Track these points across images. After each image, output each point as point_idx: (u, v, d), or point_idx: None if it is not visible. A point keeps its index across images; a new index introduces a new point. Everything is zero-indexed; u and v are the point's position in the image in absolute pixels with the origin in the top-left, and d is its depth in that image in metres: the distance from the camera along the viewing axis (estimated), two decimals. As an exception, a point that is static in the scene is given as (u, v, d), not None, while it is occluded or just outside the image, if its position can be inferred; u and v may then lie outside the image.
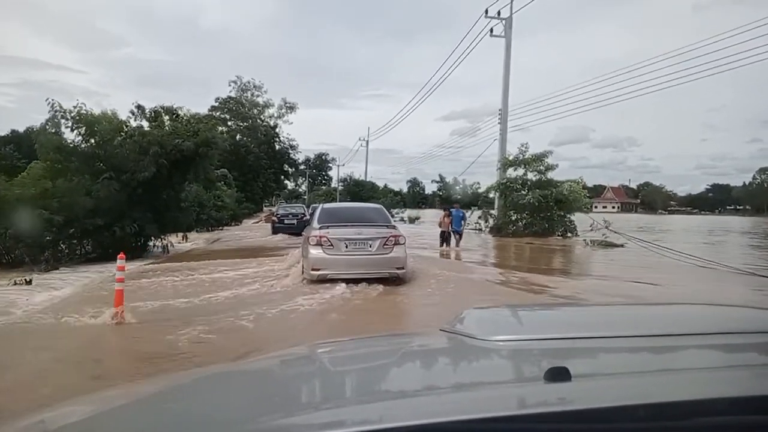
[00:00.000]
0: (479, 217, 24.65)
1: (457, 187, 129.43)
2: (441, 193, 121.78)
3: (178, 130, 16.45)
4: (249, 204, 46.41)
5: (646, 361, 1.17)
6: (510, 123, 22.65)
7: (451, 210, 16.94)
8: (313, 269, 8.65)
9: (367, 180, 59.56)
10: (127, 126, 16.12)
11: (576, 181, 20.58)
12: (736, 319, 1.52)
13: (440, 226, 16.64)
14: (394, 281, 8.84)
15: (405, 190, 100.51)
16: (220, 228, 29.41)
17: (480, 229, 24.19)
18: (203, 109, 58.36)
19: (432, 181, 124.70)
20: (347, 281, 8.49)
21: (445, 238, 16.54)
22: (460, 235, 16.89)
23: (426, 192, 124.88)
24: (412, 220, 36.05)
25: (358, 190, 55.95)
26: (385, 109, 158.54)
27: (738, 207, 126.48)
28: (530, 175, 21.23)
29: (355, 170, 71.58)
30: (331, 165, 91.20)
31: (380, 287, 8.50)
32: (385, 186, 65.97)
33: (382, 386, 1.13)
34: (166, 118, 17.23)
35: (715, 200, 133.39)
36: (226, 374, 1.38)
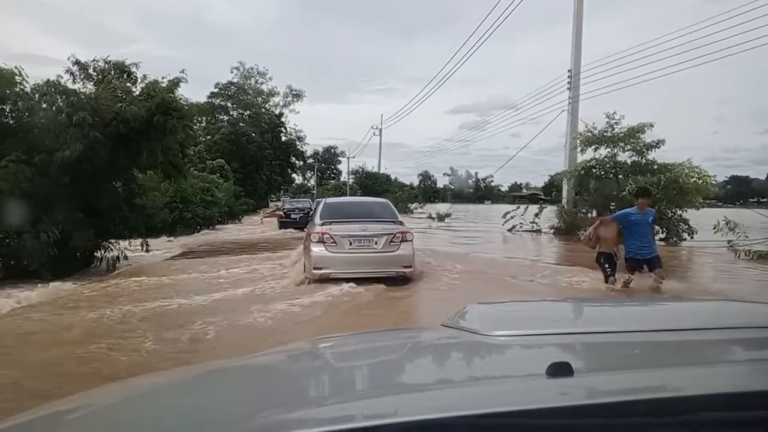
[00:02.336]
0: (536, 214, 19.26)
1: (470, 181, 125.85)
2: (453, 187, 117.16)
3: (126, 92, 11.33)
4: (249, 199, 41.31)
5: (648, 356, 1.15)
6: (524, 113, 17.31)
7: (629, 212, 7.41)
8: (315, 268, 8.09)
9: (381, 172, 54.23)
10: (56, 88, 10.96)
11: (685, 163, 14.87)
12: (739, 314, 1.49)
13: (590, 242, 7.64)
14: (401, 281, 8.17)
15: (416, 183, 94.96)
16: (211, 228, 24.30)
17: (537, 230, 18.88)
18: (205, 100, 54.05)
19: (444, 174, 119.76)
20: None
21: (610, 264, 7.51)
22: (655, 264, 7.34)
23: (438, 186, 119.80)
24: (441, 218, 29.50)
25: (371, 182, 50.79)
26: (393, 103, 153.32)
27: (761, 200, 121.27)
28: (623, 156, 15.57)
29: (365, 164, 66.77)
30: (340, 158, 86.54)
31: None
32: (396, 179, 60.69)
33: (383, 381, 1.11)
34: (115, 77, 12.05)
35: (735, 192, 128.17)
36: (228, 369, 1.33)
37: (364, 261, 8.06)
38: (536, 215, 19.11)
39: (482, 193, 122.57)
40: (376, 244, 8.14)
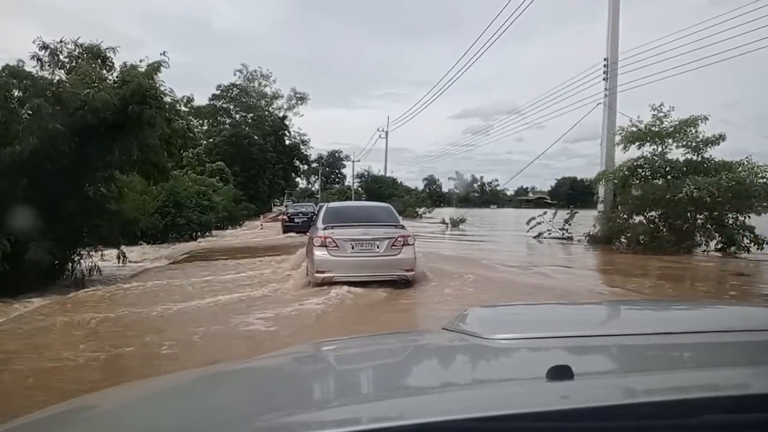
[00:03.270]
0: (566, 220, 17.29)
1: (475, 185, 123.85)
2: (458, 191, 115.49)
3: (99, 78, 9.59)
4: (251, 203, 39.59)
5: (648, 359, 1.14)
6: (526, 119, 15.26)
7: None
8: (317, 272, 8.04)
9: (388, 176, 52.38)
10: (7, 70, 9.22)
11: (745, 161, 12.69)
12: (738, 317, 1.50)
13: None
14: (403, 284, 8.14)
15: (420, 188, 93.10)
16: (207, 234, 22.51)
17: (569, 237, 16.96)
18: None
19: (449, 178, 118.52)
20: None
21: None
22: None
23: (442, 190, 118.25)
24: (455, 224, 26.39)
25: (377, 186, 49.16)
26: (398, 108, 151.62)
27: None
28: (676, 153, 13.49)
29: (371, 168, 64.24)
30: (344, 163, 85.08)
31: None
32: (401, 183, 58.67)
33: (384, 385, 1.11)
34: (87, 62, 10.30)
35: None
36: (230, 373, 1.35)
37: (366, 264, 8.01)
38: (567, 221, 17.13)
39: (487, 197, 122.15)
40: (378, 247, 8.10)
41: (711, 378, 0.89)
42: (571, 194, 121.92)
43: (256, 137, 48.20)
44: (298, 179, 74.21)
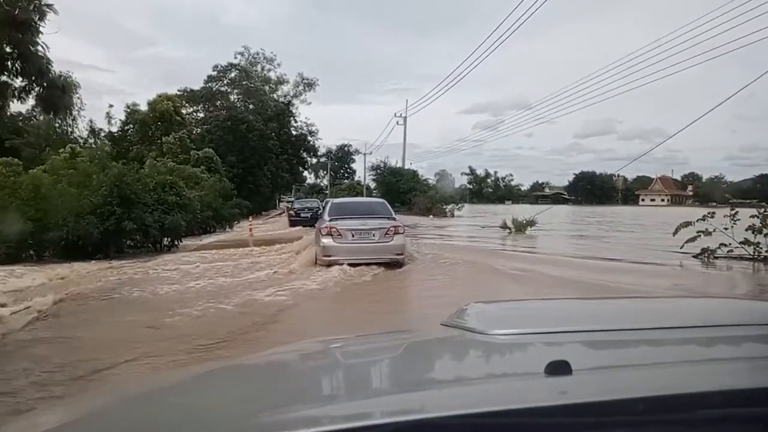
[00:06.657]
0: (757, 229, 10.20)
1: (489, 180, 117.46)
2: (471, 187, 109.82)
3: None
4: (249, 199, 33.10)
5: (646, 354, 1.14)
6: (538, 114, 10.51)
7: None
8: (324, 256, 9.67)
9: (406, 168, 45.53)
10: None
11: None
12: (737, 311, 1.51)
13: None
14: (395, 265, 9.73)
15: (432, 183, 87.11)
16: (173, 246, 15.86)
17: (766, 257, 10.12)
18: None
19: (462, 174, 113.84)
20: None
21: None
22: None
23: (455, 185, 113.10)
24: (521, 228, 17.92)
25: (395, 180, 42.37)
26: (408, 103, 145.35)
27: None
28: None
29: (388, 160, 56.88)
30: (354, 158, 79.35)
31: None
32: (422, 177, 52.12)
33: (383, 381, 1.12)
34: None
35: (765, 191, 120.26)
36: (229, 369, 1.35)
37: (364, 250, 9.62)
38: (758, 230, 9.85)
39: (502, 192, 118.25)
40: (373, 236, 9.72)
41: (709, 372, 0.88)
42: (590, 190, 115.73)
43: (257, 123, 41.57)
44: (305, 173, 68.45)
